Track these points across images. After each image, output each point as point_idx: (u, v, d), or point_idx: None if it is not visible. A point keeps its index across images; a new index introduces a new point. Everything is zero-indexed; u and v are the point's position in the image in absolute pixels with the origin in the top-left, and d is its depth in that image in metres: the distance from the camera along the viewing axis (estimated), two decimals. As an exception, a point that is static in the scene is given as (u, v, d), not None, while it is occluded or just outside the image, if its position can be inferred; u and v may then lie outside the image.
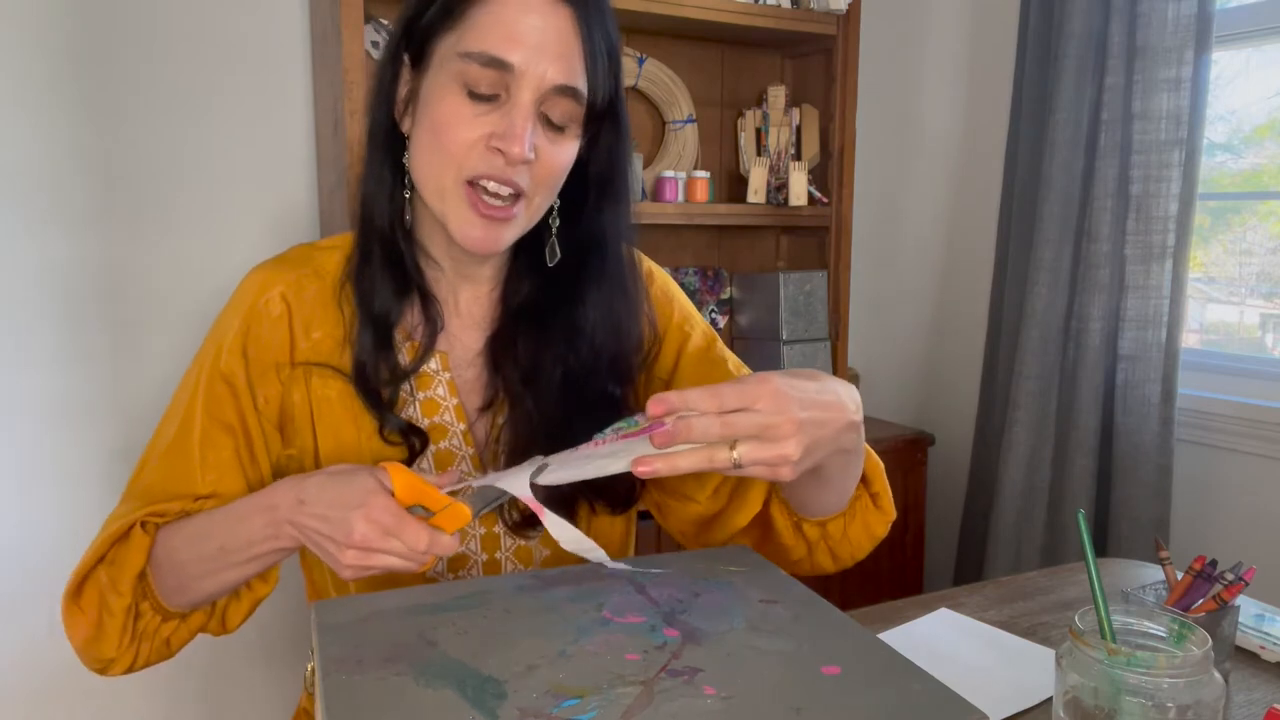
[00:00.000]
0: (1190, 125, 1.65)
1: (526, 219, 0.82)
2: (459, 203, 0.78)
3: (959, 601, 1.01)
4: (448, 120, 0.76)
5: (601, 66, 0.79)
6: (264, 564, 0.78)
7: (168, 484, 0.82)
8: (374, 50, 1.79)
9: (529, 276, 0.88)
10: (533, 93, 0.76)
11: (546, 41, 0.75)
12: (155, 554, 0.80)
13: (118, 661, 0.81)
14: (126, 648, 0.81)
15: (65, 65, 1.60)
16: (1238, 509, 1.71)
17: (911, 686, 0.55)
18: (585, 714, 0.51)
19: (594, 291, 0.86)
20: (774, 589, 0.69)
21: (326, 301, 0.85)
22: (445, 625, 0.62)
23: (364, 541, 0.67)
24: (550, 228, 0.86)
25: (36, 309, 1.62)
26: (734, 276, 2.29)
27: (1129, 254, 1.72)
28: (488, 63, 0.74)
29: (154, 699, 1.77)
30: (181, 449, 0.82)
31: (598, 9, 0.78)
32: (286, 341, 0.83)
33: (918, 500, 2.05)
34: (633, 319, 0.90)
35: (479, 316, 0.89)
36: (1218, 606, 0.80)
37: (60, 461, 1.66)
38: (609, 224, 0.86)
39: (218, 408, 0.83)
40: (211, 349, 0.84)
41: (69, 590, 0.81)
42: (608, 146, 0.85)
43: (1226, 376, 1.76)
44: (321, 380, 0.83)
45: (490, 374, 0.88)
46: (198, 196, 1.73)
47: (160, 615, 0.81)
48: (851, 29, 2.10)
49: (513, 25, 0.74)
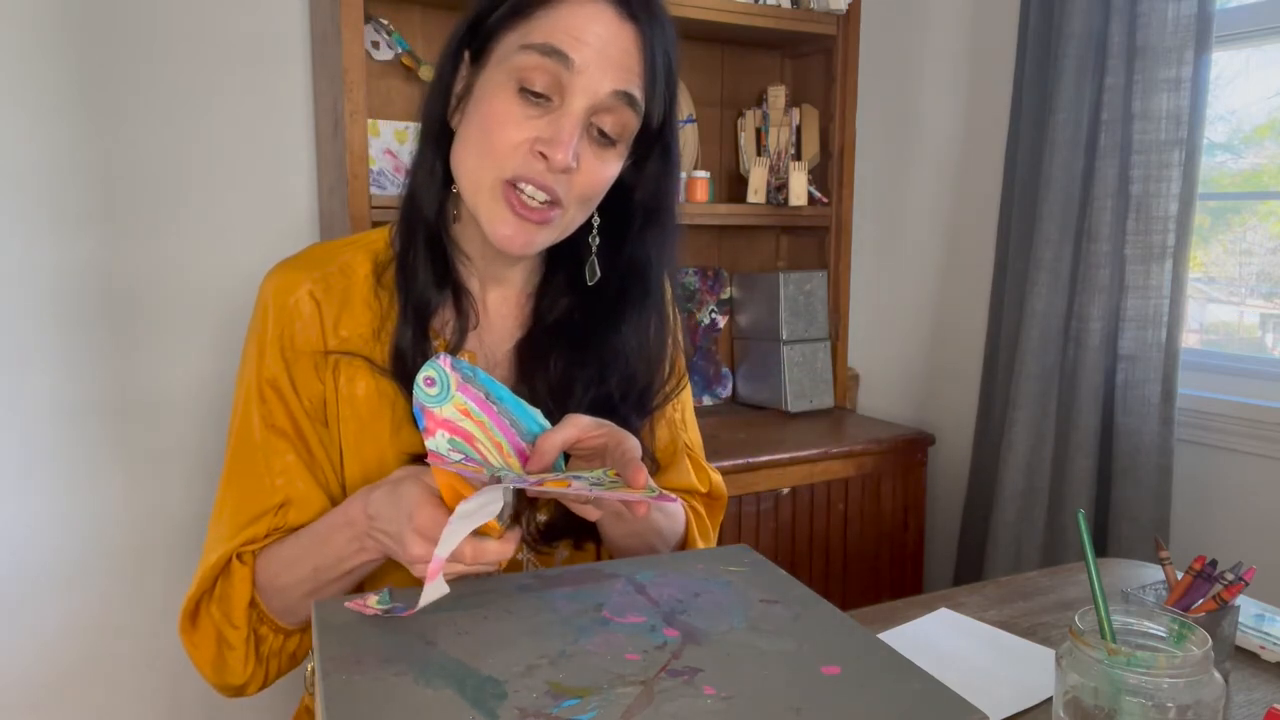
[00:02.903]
0: (1190, 125, 1.65)
1: (560, 228, 0.82)
2: (495, 200, 0.78)
3: (959, 601, 1.01)
4: (497, 118, 0.76)
5: (660, 88, 0.79)
6: (361, 574, 0.79)
7: (247, 504, 0.83)
8: (374, 50, 1.80)
9: (567, 293, 0.89)
10: (586, 99, 0.76)
11: (609, 50, 0.76)
12: (259, 581, 0.82)
13: (250, 684, 0.84)
14: (255, 671, 0.83)
15: (65, 65, 1.60)
16: (1238, 509, 1.71)
17: (911, 686, 0.55)
18: (585, 714, 0.51)
19: (633, 318, 0.87)
20: (774, 589, 0.69)
21: (354, 298, 0.85)
22: (445, 625, 0.62)
23: (422, 557, 0.66)
24: (590, 245, 0.86)
25: (36, 309, 1.62)
26: (734, 276, 2.29)
27: (1129, 254, 1.72)
28: (549, 53, 0.75)
29: (154, 699, 1.77)
30: (249, 465, 0.83)
31: (662, 33, 0.79)
32: (319, 335, 0.84)
33: (918, 500, 2.05)
34: (664, 351, 0.91)
35: (506, 319, 0.90)
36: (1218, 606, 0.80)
37: (61, 462, 1.66)
38: (653, 252, 0.87)
39: (270, 415, 0.83)
40: (253, 359, 0.84)
41: (183, 624, 0.84)
42: (656, 174, 0.85)
43: (1226, 376, 1.76)
44: (348, 377, 0.83)
45: (516, 379, 0.88)
46: (198, 196, 1.73)
47: (281, 634, 0.84)
48: (851, 29, 2.10)
49: (580, 29, 0.75)
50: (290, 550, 0.80)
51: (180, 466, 1.76)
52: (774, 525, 1.86)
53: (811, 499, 1.90)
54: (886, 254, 2.40)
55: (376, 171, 1.74)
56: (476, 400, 0.72)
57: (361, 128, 1.60)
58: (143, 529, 1.74)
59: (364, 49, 1.60)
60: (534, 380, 0.86)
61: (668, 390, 0.93)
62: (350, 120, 1.59)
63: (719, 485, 0.99)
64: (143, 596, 1.74)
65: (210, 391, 1.77)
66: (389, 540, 0.70)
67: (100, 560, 1.71)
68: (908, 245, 2.35)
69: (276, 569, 0.81)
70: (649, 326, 0.88)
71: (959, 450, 2.18)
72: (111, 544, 1.72)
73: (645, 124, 0.80)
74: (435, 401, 0.70)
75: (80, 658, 1.71)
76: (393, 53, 1.81)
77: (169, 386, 1.74)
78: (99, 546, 1.71)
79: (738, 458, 1.77)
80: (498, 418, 0.73)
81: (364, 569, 0.78)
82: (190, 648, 0.84)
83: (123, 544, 1.72)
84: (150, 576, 1.75)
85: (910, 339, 2.36)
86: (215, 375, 1.77)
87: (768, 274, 2.17)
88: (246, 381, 0.85)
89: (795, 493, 1.87)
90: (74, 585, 1.69)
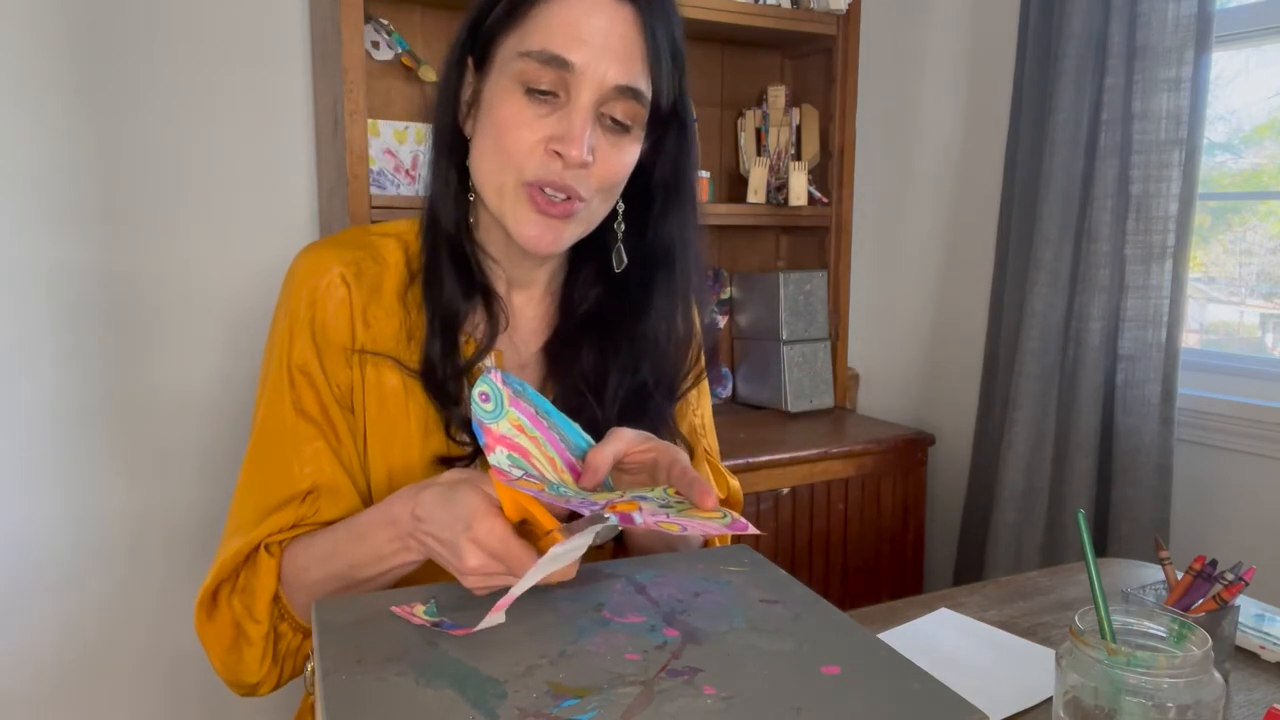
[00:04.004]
0: (1190, 125, 1.65)
1: (586, 221, 0.81)
2: (519, 201, 0.78)
3: (959, 601, 1.01)
4: (508, 122, 0.76)
5: (665, 68, 0.78)
6: (400, 574, 0.76)
7: (273, 490, 0.81)
8: (374, 50, 1.80)
9: (595, 284, 0.88)
10: (593, 93, 0.75)
11: (609, 42, 0.75)
12: (285, 574, 0.79)
13: (263, 684, 0.82)
14: (270, 670, 0.81)
15: (65, 65, 1.60)
16: (1238, 509, 1.71)
17: (911, 686, 0.55)
18: (585, 714, 0.51)
19: (662, 301, 0.86)
20: (774, 589, 0.69)
21: (385, 287, 0.84)
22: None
23: (478, 569, 0.64)
24: (616, 233, 0.85)
25: (36, 308, 1.62)
26: (734, 276, 2.28)
27: (1129, 254, 1.72)
28: (548, 61, 0.74)
29: (154, 699, 1.77)
30: (276, 450, 0.81)
31: (662, 9, 0.78)
32: (348, 326, 0.83)
33: (918, 500, 2.05)
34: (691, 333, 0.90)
35: (532, 321, 0.90)
36: (1218, 606, 0.80)
37: (61, 462, 1.66)
38: (675, 231, 0.86)
39: (300, 399, 0.82)
40: (282, 342, 0.83)
41: (201, 613, 0.81)
42: (673, 151, 0.85)
43: (1226, 376, 1.76)
44: (376, 369, 0.83)
45: (543, 380, 0.88)
46: (198, 197, 1.73)
47: (300, 633, 0.81)
48: (851, 29, 2.10)
49: (575, 25, 0.74)
50: (323, 546, 0.78)
51: (181, 466, 1.76)
52: (774, 525, 1.86)
53: (811, 499, 1.90)
54: (886, 254, 2.40)
55: (376, 171, 1.74)
56: (528, 415, 0.72)
57: (361, 128, 1.60)
58: (143, 529, 1.74)
59: (364, 49, 1.60)
60: (567, 376, 0.86)
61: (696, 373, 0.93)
62: (350, 120, 1.59)
63: (736, 491, 0.98)
64: (143, 597, 1.74)
65: (210, 391, 1.77)
66: (439, 546, 0.67)
67: (100, 560, 1.71)
68: (908, 245, 2.35)
69: (305, 563, 0.78)
70: (677, 309, 0.87)
71: (959, 450, 2.18)
72: (112, 544, 1.72)
73: (656, 104, 0.79)
74: (491, 418, 0.70)
75: (80, 658, 1.71)
76: (393, 53, 1.81)
77: (169, 386, 1.74)
78: (99, 546, 1.71)
79: (738, 458, 1.77)
80: (548, 433, 0.73)
81: (403, 570, 0.75)
82: (205, 640, 0.81)
83: (123, 544, 1.72)
84: (150, 577, 1.75)
85: (910, 339, 2.36)
86: (215, 375, 1.77)
87: (768, 274, 2.17)
88: (276, 363, 0.83)
89: (795, 493, 1.87)
90: (74, 585, 1.69)
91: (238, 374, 1.78)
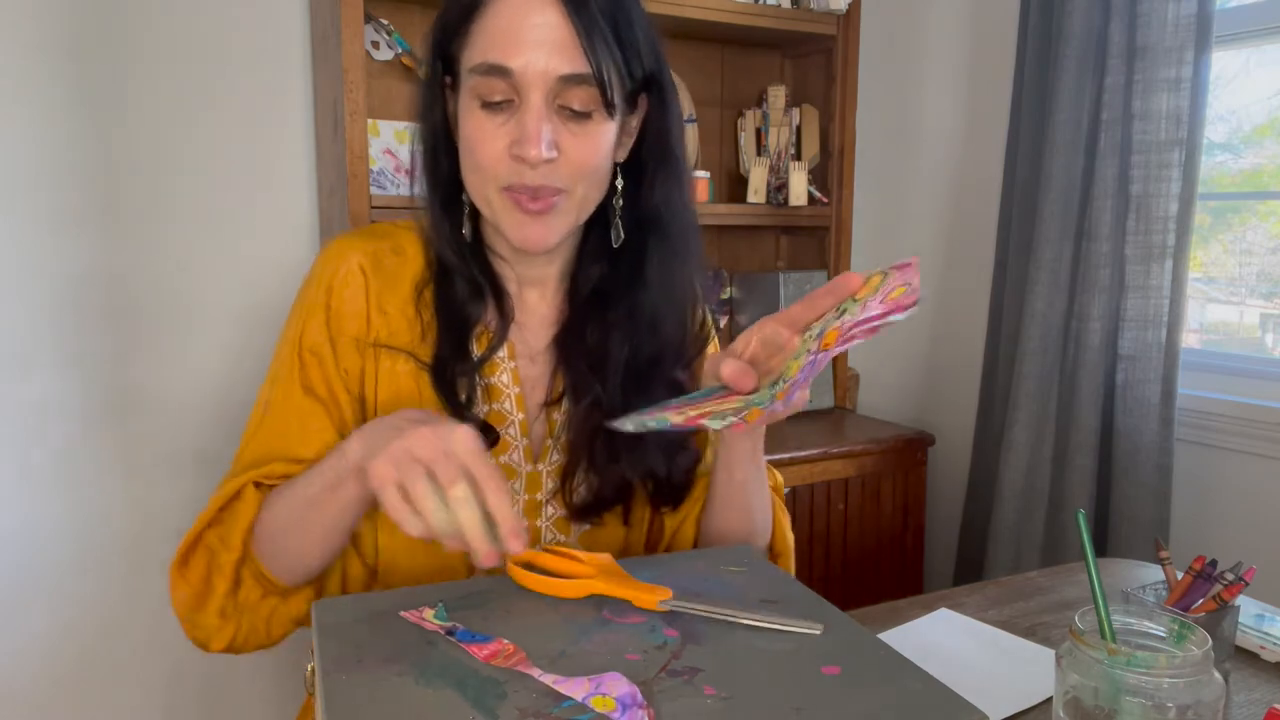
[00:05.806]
0: (1190, 125, 1.65)
1: (573, 212, 0.83)
2: (504, 207, 0.81)
3: (959, 601, 1.01)
4: (473, 138, 0.79)
5: (607, 49, 0.78)
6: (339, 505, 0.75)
7: (270, 449, 0.82)
8: (374, 50, 1.80)
9: (597, 262, 0.90)
10: (540, 91, 0.77)
11: (544, 36, 0.76)
12: (260, 516, 0.80)
13: (219, 633, 0.80)
14: (229, 618, 0.80)
15: (65, 65, 1.60)
16: (1238, 509, 1.71)
17: (911, 686, 0.55)
18: (585, 714, 0.51)
19: (657, 269, 0.88)
20: (774, 589, 0.69)
21: (403, 279, 0.87)
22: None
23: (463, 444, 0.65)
24: (615, 209, 0.87)
25: (36, 309, 1.62)
26: (734, 276, 2.28)
27: (1129, 254, 1.72)
28: (489, 71, 0.77)
29: (154, 699, 1.77)
30: (280, 423, 0.83)
31: None
32: (363, 315, 0.85)
33: (918, 500, 2.05)
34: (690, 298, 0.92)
35: (544, 314, 0.91)
36: (1218, 606, 0.80)
37: (61, 461, 1.66)
38: (662, 199, 0.87)
39: (308, 379, 0.84)
40: (297, 323, 0.86)
41: (177, 558, 0.81)
42: (656, 120, 0.86)
43: (1226, 376, 1.76)
44: (390, 358, 0.85)
45: (555, 370, 0.89)
46: (198, 197, 1.73)
47: (261, 587, 0.81)
48: (851, 29, 2.10)
49: (510, 31, 0.76)
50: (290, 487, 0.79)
51: (181, 466, 1.76)
52: (774, 525, 1.86)
53: (811, 499, 1.90)
54: (886, 254, 2.39)
55: (376, 171, 1.74)
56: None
57: (361, 128, 1.60)
58: (143, 529, 1.74)
59: (364, 49, 1.60)
60: (576, 360, 0.88)
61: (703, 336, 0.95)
62: (350, 120, 1.59)
63: (779, 482, 0.98)
64: (143, 596, 1.74)
65: (211, 391, 1.77)
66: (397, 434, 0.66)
67: (100, 560, 1.71)
68: (908, 245, 2.35)
69: (275, 504, 0.79)
70: (673, 273, 0.88)
71: (959, 450, 2.18)
72: (112, 544, 1.72)
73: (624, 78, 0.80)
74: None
75: (80, 657, 1.71)
76: (393, 53, 1.81)
77: (169, 386, 1.74)
78: (99, 546, 1.71)
79: (738, 458, 1.77)
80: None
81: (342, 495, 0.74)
82: (174, 589, 0.81)
83: (123, 544, 1.72)
84: (150, 576, 1.75)
85: (910, 339, 2.36)
86: (216, 375, 1.77)
87: (768, 274, 2.17)
88: (289, 345, 0.85)
89: (795, 493, 1.87)
90: (74, 585, 1.69)
91: (238, 374, 1.78)
